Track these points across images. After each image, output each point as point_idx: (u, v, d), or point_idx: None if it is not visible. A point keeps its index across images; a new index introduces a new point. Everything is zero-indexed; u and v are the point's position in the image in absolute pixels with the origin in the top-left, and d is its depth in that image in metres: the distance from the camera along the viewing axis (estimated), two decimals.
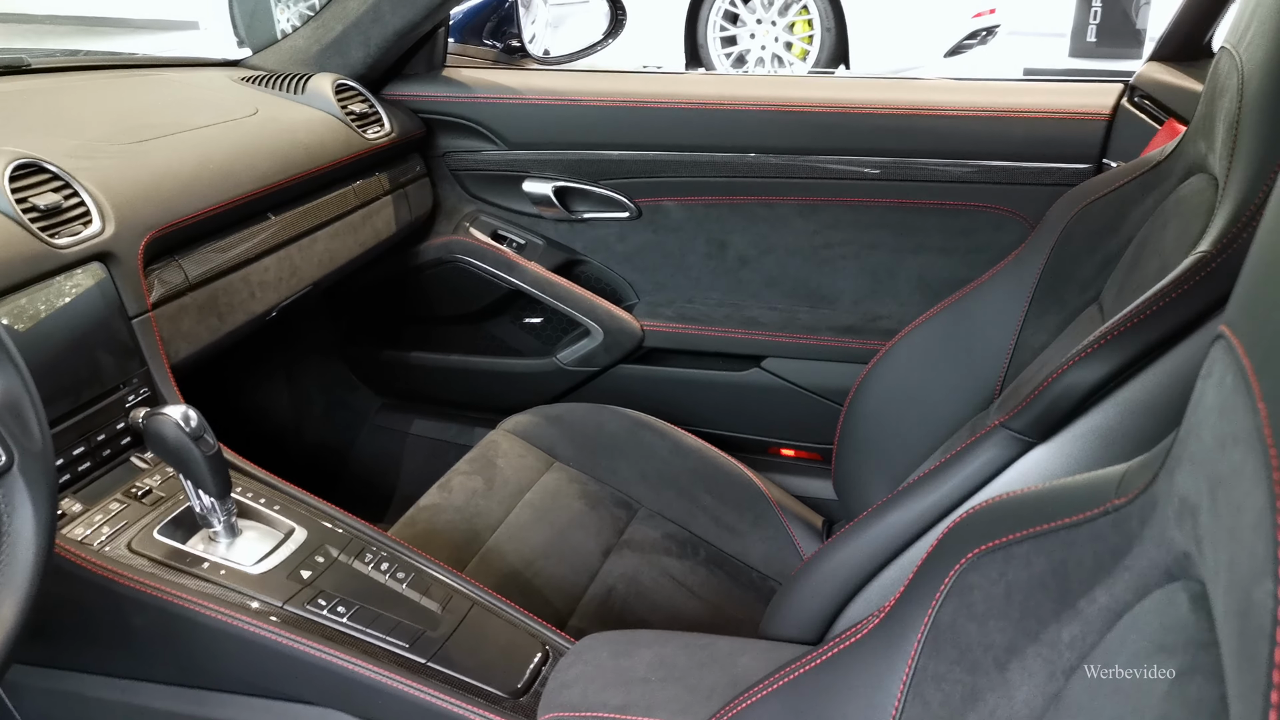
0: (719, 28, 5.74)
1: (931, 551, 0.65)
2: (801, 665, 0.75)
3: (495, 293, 1.89)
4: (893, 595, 0.69)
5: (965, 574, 0.62)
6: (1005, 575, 0.60)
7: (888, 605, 0.68)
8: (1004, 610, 0.59)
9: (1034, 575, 0.58)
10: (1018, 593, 0.59)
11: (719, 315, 1.81)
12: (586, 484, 1.49)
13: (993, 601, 0.60)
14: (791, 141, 1.64)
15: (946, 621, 0.62)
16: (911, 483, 0.91)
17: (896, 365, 1.31)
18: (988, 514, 0.63)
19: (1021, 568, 0.59)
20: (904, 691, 0.63)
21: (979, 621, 0.60)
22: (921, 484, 0.90)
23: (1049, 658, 0.56)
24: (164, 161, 1.32)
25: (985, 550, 0.61)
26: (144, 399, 1.19)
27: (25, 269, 1.06)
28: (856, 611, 0.94)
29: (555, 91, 1.77)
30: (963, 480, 0.86)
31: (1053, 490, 0.61)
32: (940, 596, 0.62)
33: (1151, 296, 0.75)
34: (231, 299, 1.38)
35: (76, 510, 1.07)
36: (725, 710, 0.82)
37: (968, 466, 0.86)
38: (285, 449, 2.05)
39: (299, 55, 1.80)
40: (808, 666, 0.74)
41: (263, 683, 1.06)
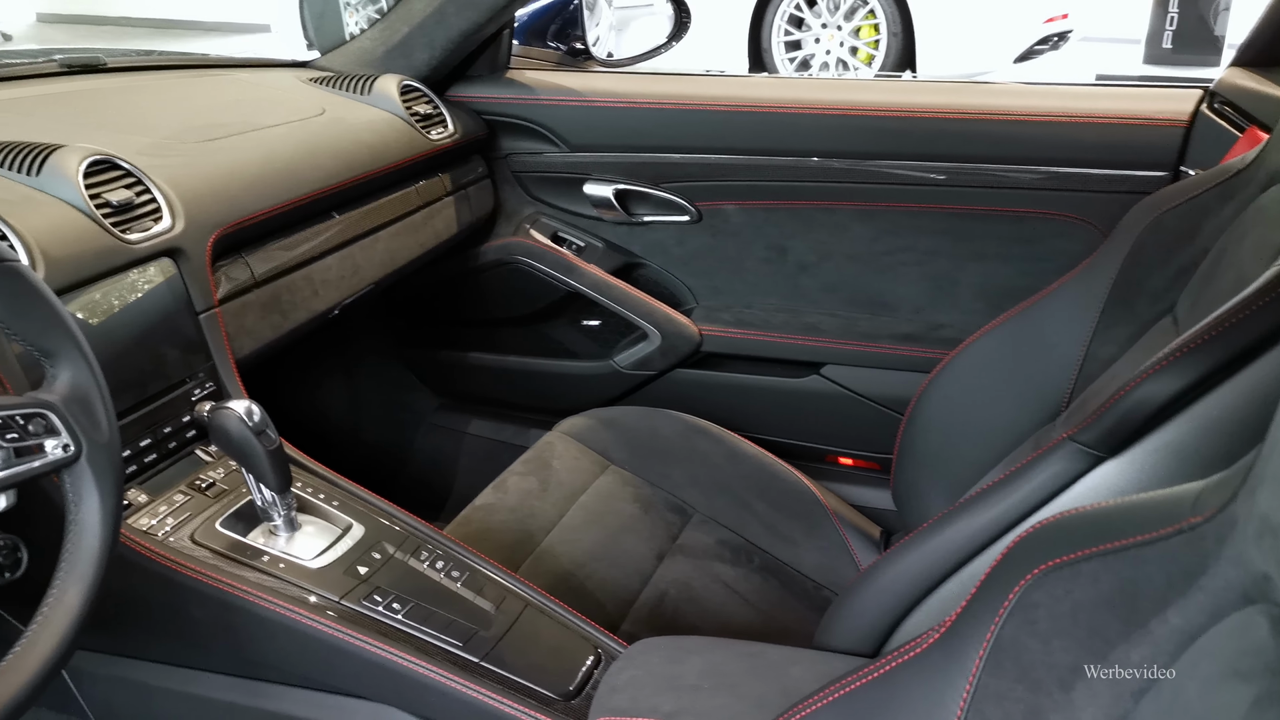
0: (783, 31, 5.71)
1: (995, 566, 0.64)
2: (857, 678, 0.74)
3: (553, 295, 1.89)
4: (953, 610, 0.67)
5: (1030, 590, 0.60)
6: (1071, 593, 0.58)
7: (948, 620, 0.67)
8: (1069, 629, 0.58)
9: (1101, 594, 0.57)
10: (1084, 611, 0.57)
11: (777, 321, 1.79)
12: (640, 488, 1.48)
13: (1058, 619, 0.58)
14: (854, 146, 1.63)
15: (1009, 639, 0.60)
16: (974, 495, 0.89)
17: (959, 375, 1.28)
18: (1054, 529, 0.62)
19: (1089, 586, 0.57)
20: (964, 709, 0.62)
21: (1043, 640, 0.59)
22: (984, 497, 0.88)
23: (1116, 679, 0.54)
24: (233, 160, 1.34)
25: (1051, 567, 0.59)
26: (209, 393, 1.21)
27: (97, 263, 1.08)
28: (915, 625, 0.92)
29: (617, 94, 1.77)
30: (1028, 494, 0.84)
31: (1123, 507, 0.59)
32: (1004, 613, 0.61)
33: (1230, 309, 0.72)
34: (295, 296, 1.40)
35: (142, 501, 1.09)
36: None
37: (1033, 480, 0.84)
38: (343, 446, 2.08)
39: (366, 57, 1.83)
40: (864, 680, 0.73)
41: (318, 676, 1.07)
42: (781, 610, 1.31)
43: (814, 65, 5.70)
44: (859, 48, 5.58)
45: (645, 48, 1.97)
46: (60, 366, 0.83)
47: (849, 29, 5.58)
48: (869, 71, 5.54)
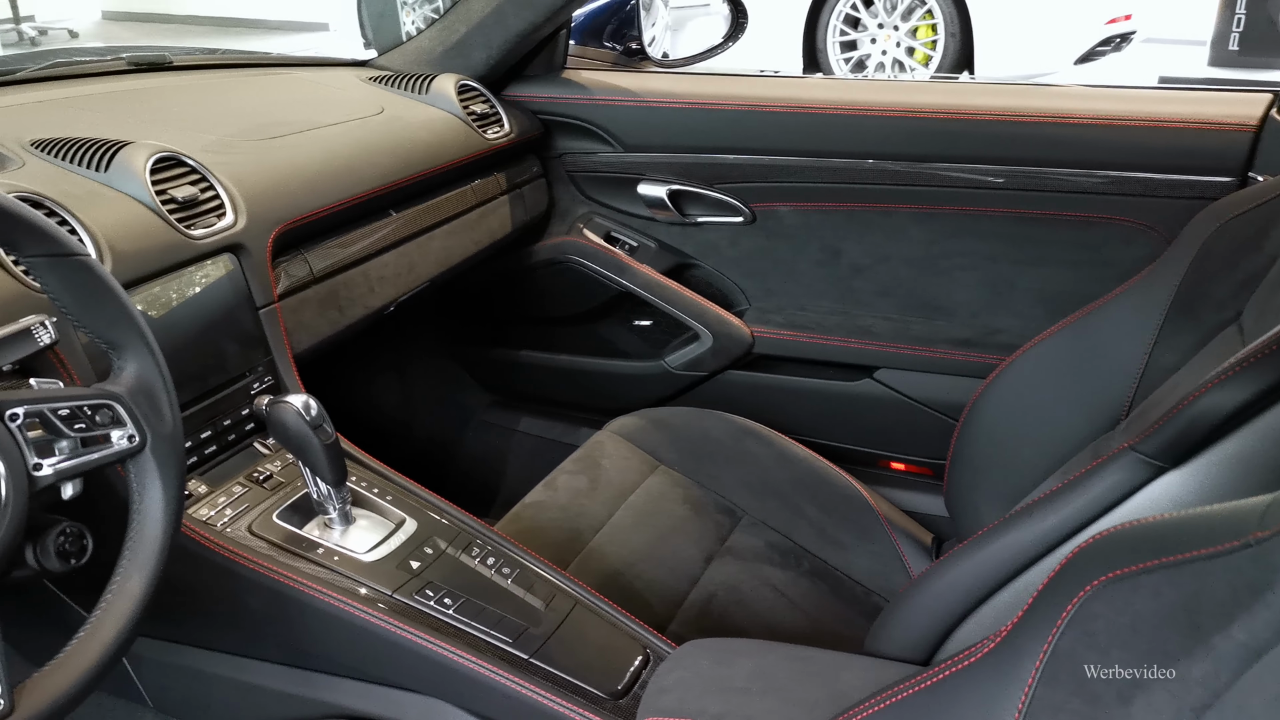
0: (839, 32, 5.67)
1: (1053, 577, 0.63)
2: (908, 686, 0.73)
3: (606, 294, 1.90)
4: (1008, 620, 0.66)
5: (1088, 602, 0.59)
6: (1132, 605, 0.57)
7: (1004, 630, 0.66)
8: (1129, 642, 0.57)
9: (1163, 607, 0.56)
10: (1144, 624, 0.56)
11: (830, 323, 1.78)
12: (690, 489, 1.48)
13: (1117, 632, 0.57)
14: (911, 148, 1.61)
15: (1066, 650, 0.59)
16: (1031, 503, 0.88)
17: (1016, 381, 1.26)
18: (1114, 540, 0.61)
19: (1149, 599, 0.56)
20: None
21: (1101, 652, 0.58)
22: (1041, 505, 0.86)
23: (1177, 694, 0.53)
24: (293, 158, 1.36)
25: (1111, 579, 0.58)
26: (267, 387, 1.23)
27: (162, 258, 1.10)
28: (968, 634, 0.91)
29: (672, 94, 1.77)
30: (1086, 504, 0.83)
31: (1186, 519, 0.58)
32: (1061, 624, 0.60)
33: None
34: (351, 293, 1.42)
35: (202, 492, 1.12)
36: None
37: (1092, 490, 0.83)
38: (396, 442, 2.10)
39: (424, 56, 1.84)
40: (916, 688, 0.72)
41: (369, 668, 1.08)
42: (830, 615, 1.30)
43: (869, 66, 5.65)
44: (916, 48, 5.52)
45: (701, 48, 1.96)
46: (126, 359, 0.85)
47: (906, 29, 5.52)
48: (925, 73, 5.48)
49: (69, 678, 0.76)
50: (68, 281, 0.81)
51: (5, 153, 1.14)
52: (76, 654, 0.77)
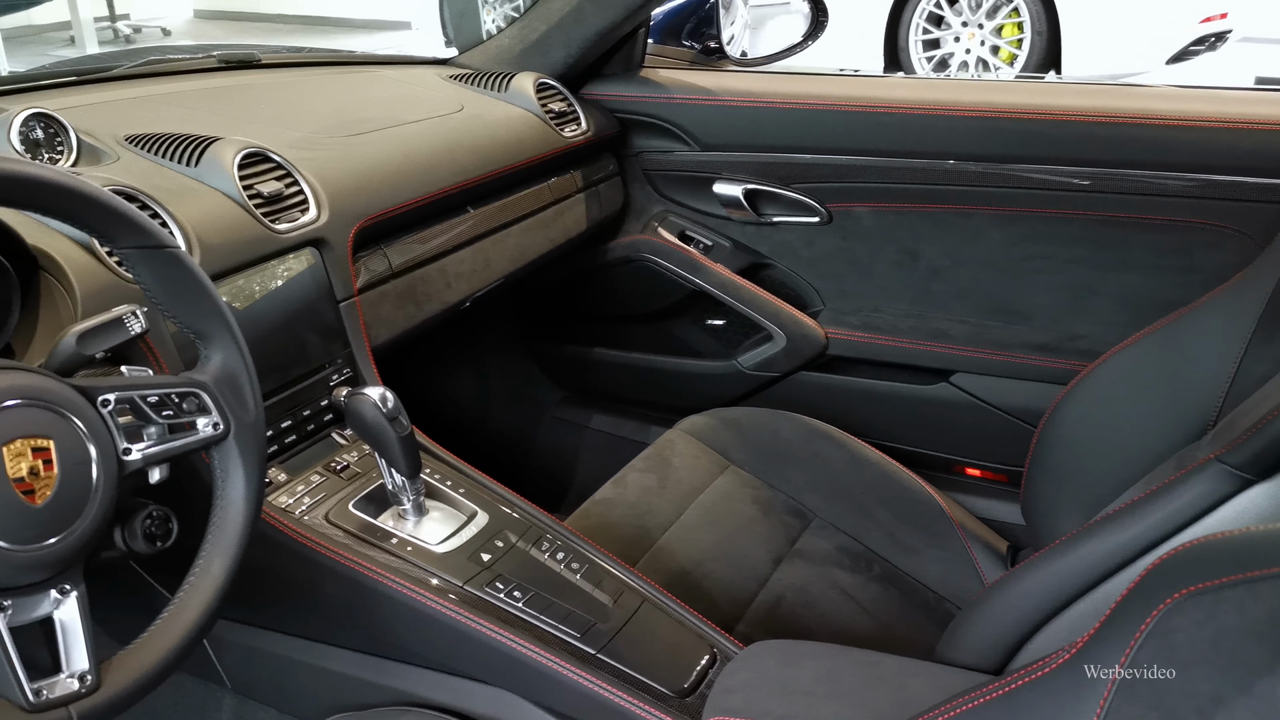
0: (921, 30, 5.59)
1: (1133, 588, 0.61)
2: (979, 695, 0.72)
3: (679, 293, 1.90)
4: (1085, 631, 0.65)
5: (1169, 615, 0.57)
6: (1214, 620, 0.56)
7: (1080, 641, 0.64)
8: (1211, 657, 0.55)
9: (1247, 622, 0.54)
10: (1228, 640, 0.55)
11: (905, 326, 1.76)
12: (760, 490, 1.47)
13: (1198, 647, 0.56)
14: (993, 149, 1.58)
15: (1145, 664, 0.58)
16: (1111, 513, 0.86)
17: (1098, 388, 1.23)
18: (1198, 553, 0.59)
19: (1233, 613, 0.55)
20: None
21: (1182, 667, 0.56)
22: (1122, 515, 0.84)
23: (1261, 712, 0.52)
24: (375, 154, 1.39)
25: (1193, 592, 0.57)
26: (346, 379, 1.26)
27: (248, 251, 1.13)
28: (1042, 644, 0.89)
29: (750, 93, 1.76)
30: (1169, 515, 0.81)
31: (1272, 533, 0.56)
32: (1140, 637, 0.58)
33: None
34: (429, 288, 1.45)
35: (282, 480, 1.14)
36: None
37: (1175, 501, 0.81)
38: (469, 436, 2.13)
39: (504, 55, 1.86)
40: (987, 697, 0.71)
41: (439, 658, 1.10)
42: (900, 621, 1.28)
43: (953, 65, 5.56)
44: (1001, 47, 5.41)
45: (780, 47, 1.95)
46: (213, 349, 0.88)
47: (991, 27, 5.42)
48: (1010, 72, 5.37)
49: (153, 656, 0.78)
50: (159, 273, 0.84)
51: (101, 147, 1.18)
52: (160, 633, 0.80)
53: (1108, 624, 0.62)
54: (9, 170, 0.74)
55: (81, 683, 0.73)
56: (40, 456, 0.72)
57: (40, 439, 0.72)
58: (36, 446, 0.72)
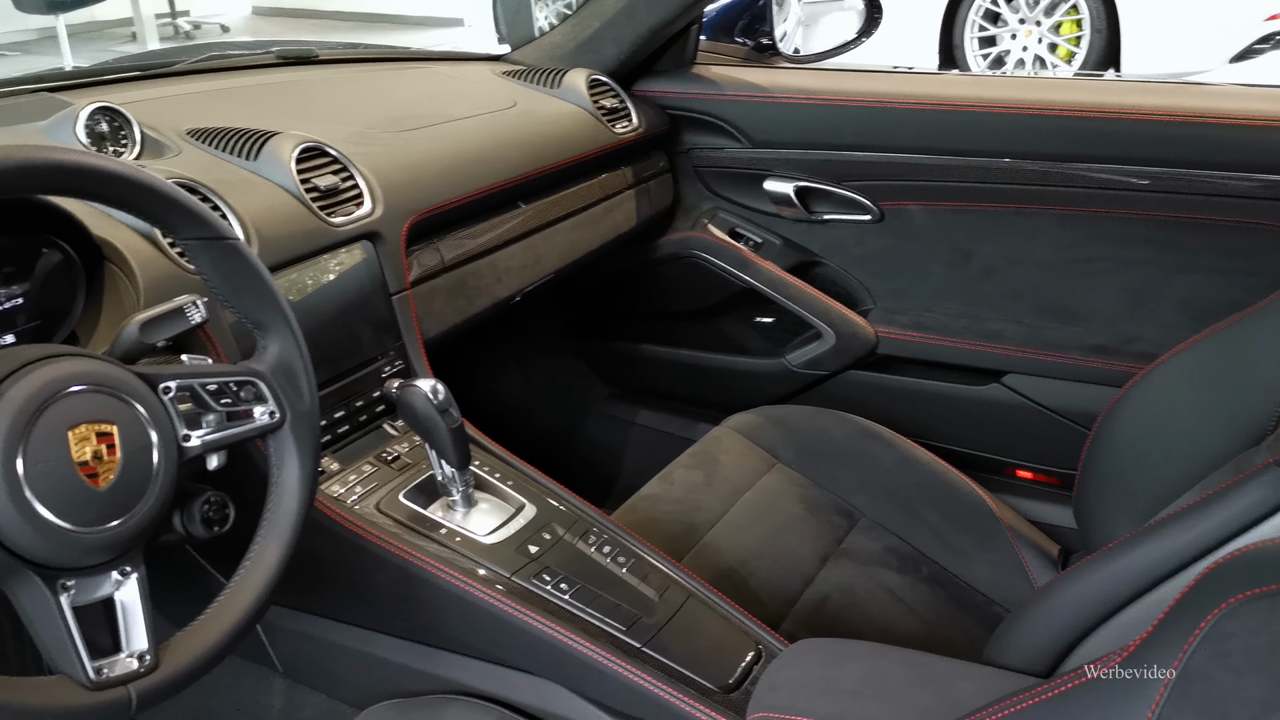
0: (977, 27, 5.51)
1: (1187, 592, 0.60)
2: (1029, 697, 0.71)
3: (728, 290, 1.90)
4: (1137, 635, 0.64)
5: (1223, 620, 0.57)
6: (1271, 626, 0.55)
7: (1132, 645, 0.63)
8: (1266, 664, 0.54)
9: None
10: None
11: (957, 326, 1.74)
12: (807, 488, 1.47)
13: (1254, 653, 0.55)
14: (1050, 147, 1.56)
15: (1198, 669, 0.57)
16: (1166, 517, 0.85)
17: (1155, 391, 1.21)
18: (1255, 558, 0.58)
19: None
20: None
21: (1236, 673, 0.55)
22: (1177, 520, 0.83)
23: None
24: (429, 149, 1.40)
25: (1249, 597, 0.56)
26: (398, 371, 1.28)
27: (304, 244, 1.15)
28: (1093, 648, 0.88)
29: (803, 90, 1.75)
30: (1225, 520, 0.79)
31: None
32: (1194, 642, 0.57)
33: None
34: (479, 282, 1.46)
35: (334, 469, 1.16)
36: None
37: (1232, 506, 0.79)
38: (517, 429, 2.14)
39: (556, 51, 1.87)
40: (1036, 699, 0.70)
41: (486, 647, 1.11)
42: (948, 623, 1.27)
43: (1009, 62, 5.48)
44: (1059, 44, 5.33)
45: (833, 43, 1.94)
46: (270, 339, 0.89)
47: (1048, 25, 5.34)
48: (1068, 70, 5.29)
49: (209, 639, 0.80)
50: (218, 263, 0.85)
51: (163, 141, 1.21)
52: (216, 617, 0.82)
53: (1161, 628, 0.61)
54: (76, 162, 0.76)
55: (141, 662, 0.75)
56: (104, 441, 0.74)
57: (104, 424, 0.74)
58: (100, 431, 0.74)
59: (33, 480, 0.70)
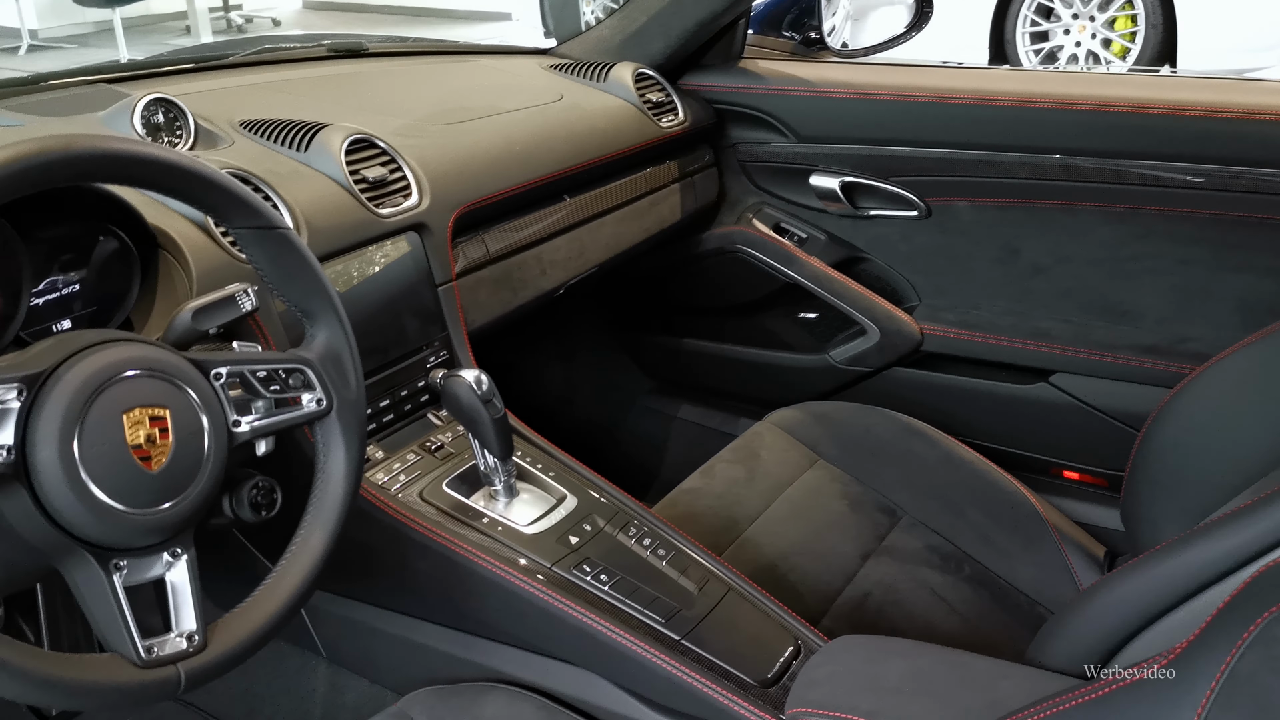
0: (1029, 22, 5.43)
1: (1236, 596, 0.59)
2: (1072, 698, 0.70)
3: (772, 285, 1.89)
4: (1184, 638, 0.63)
5: (1274, 625, 0.56)
6: None
7: (1178, 647, 0.63)
8: None
9: None
10: None
11: (1004, 324, 1.72)
12: (849, 485, 1.46)
13: None
14: (1102, 144, 1.53)
15: (1246, 673, 0.56)
16: (1215, 520, 0.83)
17: (1207, 392, 1.19)
18: None
19: None
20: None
21: None
22: (1228, 522, 0.81)
23: None
24: (475, 142, 1.41)
25: None
26: (442, 361, 1.29)
27: (353, 235, 1.17)
28: (1138, 650, 0.86)
29: (851, 85, 1.74)
30: (1276, 524, 0.78)
31: None
32: (1242, 645, 0.56)
33: None
34: (524, 274, 1.47)
35: (379, 457, 1.18)
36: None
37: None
38: (559, 421, 2.15)
39: (603, 45, 1.88)
40: (1079, 700, 0.70)
41: (526, 636, 1.12)
42: (990, 623, 1.26)
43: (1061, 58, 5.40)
44: (1113, 40, 5.24)
45: (882, 38, 1.92)
46: (318, 327, 0.91)
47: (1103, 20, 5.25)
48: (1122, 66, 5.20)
49: (255, 621, 0.82)
50: (270, 253, 0.87)
51: (217, 131, 1.23)
52: (262, 600, 0.83)
53: (1209, 630, 0.60)
54: (133, 151, 0.78)
55: (189, 642, 0.77)
56: (157, 425, 0.76)
57: (158, 408, 0.76)
58: (154, 415, 0.76)
59: (88, 462, 0.72)
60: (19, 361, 0.75)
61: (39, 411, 0.71)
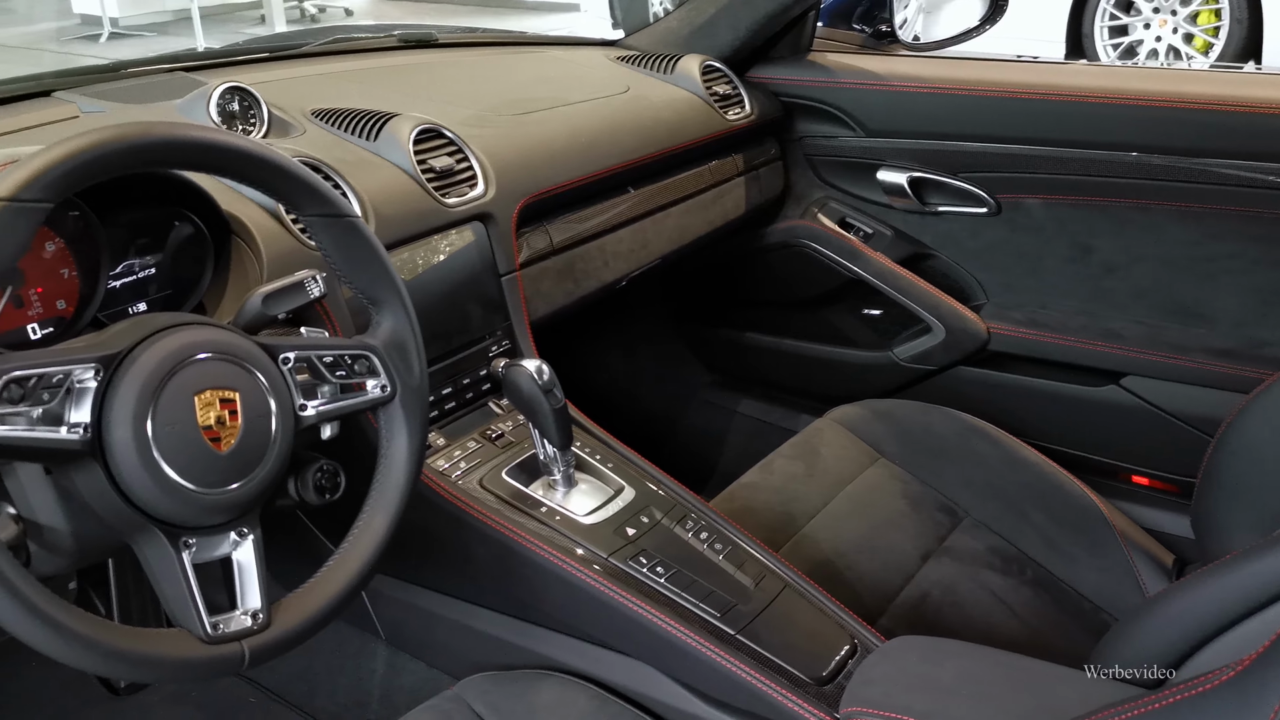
0: (1109, 16, 5.30)
1: None
2: (1134, 707, 0.69)
3: (836, 280, 1.87)
4: (1253, 650, 0.61)
5: None
6: None
7: (1247, 659, 0.61)
8: None
9: None
10: None
11: (1074, 324, 1.68)
12: (909, 484, 1.44)
13: None
14: (1180, 141, 1.49)
15: None
16: None
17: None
18: None
19: None
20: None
21: None
22: None
23: None
24: (542, 133, 1.42)
25: None
26: (504, 350, 1.30)
27: (419, 223, 1.18)
28: (1205, 661, 0.84)
29: (921, 79, 1.72)
30: None
31: None
32: None
33: None
34: (587, 266, 1.47)
35: (440, 444, 1.19)
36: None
37: None
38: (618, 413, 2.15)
39: (670, 37, 1.87)
40: (1142, 710, 0.68)
41: (581, 625, 1.12)
42: (1051, 628, 1.24)
43: (1141, 53, 5.26)
44: (1195, 35, 5.09)
45: (955, 31, 1.89)
46: (384, 314, 0.92)
47: (1185, 14, 5.10)
48: (1205, 62, 5.05)
49: (318, 601, 0.83)
50: (338, 240, 0.88)
51: (289, 120, 1.25)
52: (325, 581, 0.85)
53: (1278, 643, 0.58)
54: (208, 139, 0.79)
55: (254, 620, 0.78)
56: (227, 407, 0.77)
57: (228, 390, 0.78)
58: (224, 398, 0.77)
59: (160, 441, 0.74)
60: (97, 342, 0.77)
61: (115, 391, 0.73)
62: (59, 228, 0.90)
